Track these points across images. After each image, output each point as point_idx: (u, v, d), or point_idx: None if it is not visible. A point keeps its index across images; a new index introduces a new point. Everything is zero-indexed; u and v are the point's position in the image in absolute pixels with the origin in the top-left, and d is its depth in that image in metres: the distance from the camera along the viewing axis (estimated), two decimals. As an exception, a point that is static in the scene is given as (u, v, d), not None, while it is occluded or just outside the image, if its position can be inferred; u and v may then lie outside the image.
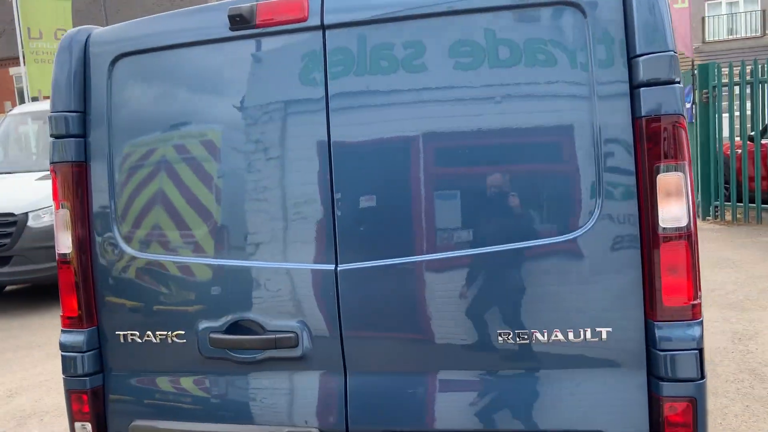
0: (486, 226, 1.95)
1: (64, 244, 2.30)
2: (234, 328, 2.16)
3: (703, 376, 1.86)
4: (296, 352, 2.09)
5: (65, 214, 2.29)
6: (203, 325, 2.19)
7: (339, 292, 2.05)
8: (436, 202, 1.99)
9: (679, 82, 1.85)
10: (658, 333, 1.86)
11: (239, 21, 2.09)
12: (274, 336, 2.09)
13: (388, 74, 2.00)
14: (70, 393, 2.33)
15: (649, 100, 1.83)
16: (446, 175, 2.00)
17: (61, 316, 2.36)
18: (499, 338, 1.95)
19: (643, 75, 1.83)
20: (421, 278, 2.00)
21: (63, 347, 2.33)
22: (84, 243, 2.29)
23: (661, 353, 1.85)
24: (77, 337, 2.31)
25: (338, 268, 2.05)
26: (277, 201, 2.11)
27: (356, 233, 2.04)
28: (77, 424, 2.33)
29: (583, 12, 1.89)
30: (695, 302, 1.86)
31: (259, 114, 2.12)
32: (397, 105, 2.00)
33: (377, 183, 2.03)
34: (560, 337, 1.92)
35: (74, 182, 2.28)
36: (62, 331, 2.36)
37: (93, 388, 2.31)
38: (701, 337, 1.86)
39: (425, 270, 1.99)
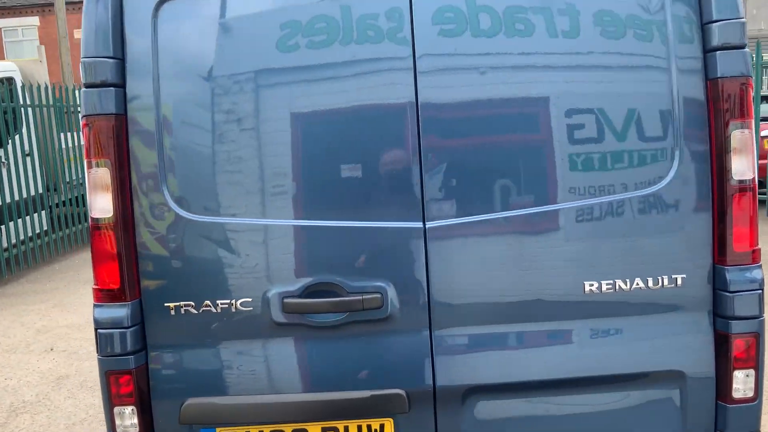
0: (573, 181, 2.02)
1: (102, 207, 2.04)
2: (310, 291, 2.05)
3: (762, 313, 2.08)
4: (381, 314, 2.03)
5: (103, 173, 2.03)
6: (275, 290, 2.05)
7: (428, 250, 2.02)
8: (522, 160, 2.03)
9: (746, 47, 2.03)
10: (728, 276, 2.03)
11: None
12: (360, 297, 2.01)
13: (487, 36, 1.99)
14: (109, 375, 2.08)
15: (722, 63, 1.99)
16: (534, 136, 2.04)
17: (94, 289, 2.10)
18: (586, 288, 2.04)
19: (717, 40, 1.99)
20: (508, 233, 2.03)
21: (99, 324, 2.07)
22: (125, 206, 2.05)
23: (731, 294, 2.03)
24: (118, 312, 2.06)
25: (426, 225, 2.02)
26: (359, 158, 2.02)
27: (443, 190, 2.02)
28: (117, 409, 2.09)
29: None
30: (756, 248, 2.07)
31: (338, 68, 2.02)
32: (493, 68, 2.00)
33: (465, 140, 2.02)
34: (641, 284, 2.05)
35: (115, 137, 2.02)
36: (96, 305, 2.09)
37: (137, 368, 2.08)
38: (762, 278, 2.07)
39: (512, 225, 2.02)
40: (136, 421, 2.08)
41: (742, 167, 2.02)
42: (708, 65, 2.02)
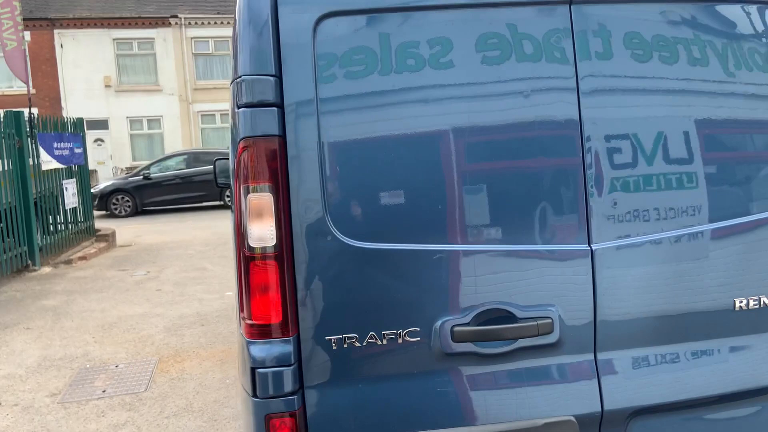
0: (732, 199, 2.12)
1: (262, 235, 1.89)
2: (480, 319, 1.99)
3: None
4: (551, 339, 2.02)
5: (264, 198, 1.89)
6: (444, 318, 1.98)
7: (594, 272, 2.04)
8: (683, 181, 2.10)
9: None
10: None
11: None
12: (536, 323, 1.98)
13: (641, 61, 2.06)
14: (269, 419, 1.90)
15: None
16: (696, 156, 2.12)
17: (249, 325, 1.93)
18: (736, 305, 2.13)
19: None
20: (669, 252, 2.09)
21: (258, 362, 1.90)
22: (286, 233, 1.91)
23: None
24: (282, 348, 1.91)
25: (593, 247, 2.04)
26: (524, 180, 2.02)
27: (608, 211, 2.05)
28: None
29: None
30: None
31: (500, 90, 2.01)
32: (648, 91, 2.07)
33: (627, 162, 2.07)
34: None
35: (279, 159, 1.89)
36: (251, 343, 1.92)
37: (301, 408, 1.92)
38: None
39: (673, 244, 2.08)
40: None
41: None
42: None
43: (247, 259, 1.92)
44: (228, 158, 5.68)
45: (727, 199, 2.13)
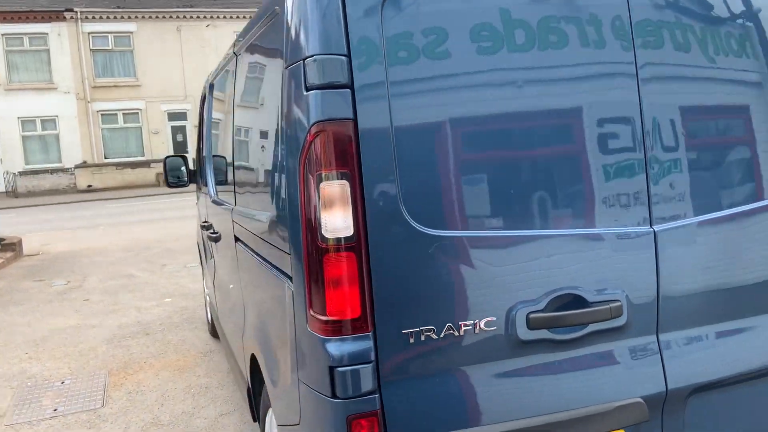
0: None
1: (339, 226, 1.77)
2: (553, 305, 1.96)
3: None
4: (620, 321, 2.01)
5: (340, 186, 1.77)
6: (518, 305, 1.93)
7: (657, 253, 2.05)
8: (732, 162, 2.15)
9: None
10: None
11: None
12: (608, 306, 1.97)
13: (687, 51, 2.09)
14: (351, 420, 1.78)
15: None
16: (742, 138, 2.17)
17: (324, 321, 1.80)
18: None
19: None
20: (722, 231, 2.13)
21: (338, 361, 1.78)
22: (361, 223, 1.80)
23: None
24: (361, 345, 1.79)
25: (655, 229, 2.05)
26: (590, 165, 2.00)
27: (668, 194, 2.07)
28: None
29: None
30: None
31: (563, 75, 1.98)
32: (705, 79, 2.11)
33: (683, 146, 2.09)
34: None
35: (353, 145, 1.78)
36: (327, 340, 1.79)
37: (380, 407, 1.81)
38: None
39: (729, 224, 2.13)
40: None
41: None
42: None
43: (320, 251, 1.78)
44: (179, 156, 5.40)
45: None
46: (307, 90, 1.77)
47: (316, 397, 1.86)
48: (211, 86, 4.26)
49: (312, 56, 1.76)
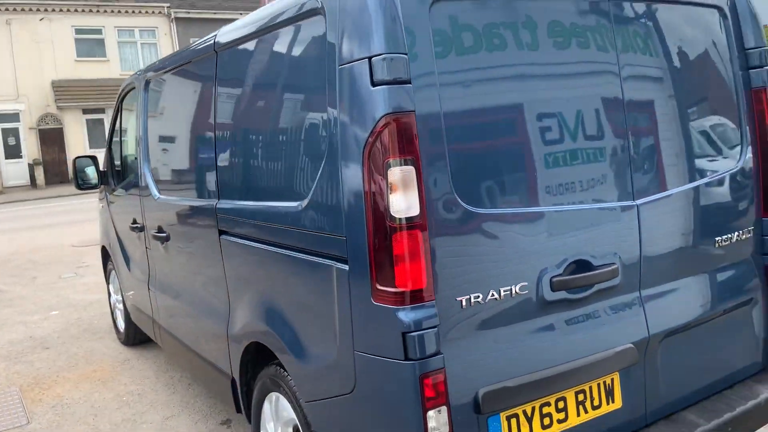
0: (703, 158, 2.69)
1: (408, 206, 1.97)
2: (569, 270, 2.29)
3: None
4: (615, 282, 2.39)
5: (408, 171, 1.97)
6: (544, 271, 2.24)
7: (640, 223, 2.46)
8: (684, 144, 2.62)
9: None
10: None
11: None
12: (608, 269, 2.34)
13: (651, 55, 2.53)
14: (423, 378, 1.99)
15: (756, 78, 2.88)
16: (686, 132, 2.64)
17: (394, 293, 1.99)
18: (717, 242, 2.71)
19: (754, 61, 2.87)
20: (684, 202, 2.59)
21: (407, 327, 1.98)
22: (422, 203, 2.02)
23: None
24: (428, 312, 2.00)
25: (637, 203, 2.46)
26: (596, 150, 2.36)
27: (646, 174, 2.49)
28: (431, 413, 2.01)
29: (724, 16, 2.82)
30: None
31: (571, 71, 2.34)
32: (659, 79, 2.55)
33: (650, 135, 2.52)
34: (734, 238, 2.79)
35: (417, 134, 1.99)
36: (399, 309, 1.99)
37: (445, 366, 2.04)
38: None
39: (684, 198, 2.59)
40: (446, 419, 2.03)
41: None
42: (748, 79, 2.87)
43: (390, 229, 1.98)
44: (88, 157, 5.18)
45: (703, 157, 2.70)
46: (375, 85, 1.96)
47: (384, 363, 2.04)
48: (147, 83, 4.18)
49: (379, 55, 1.94)
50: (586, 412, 2.35)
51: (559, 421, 2.30)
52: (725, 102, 2.79)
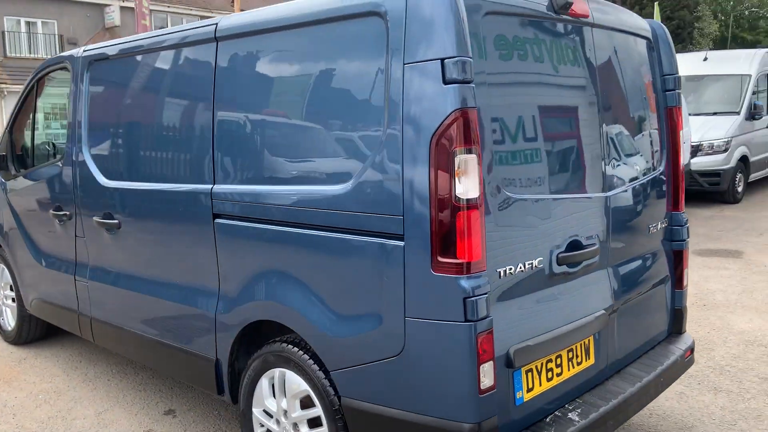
0: (645, 160, 3.32)
1: (470, 188, 2.31)
2: (568, 248, 2.76)
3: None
4: (595, 259, 2.90)
5: (472, 158, 2.31)
6: (554, 248, 2.69)
7: (609, 211, 3.00)
8: (633, 152, 3.22)
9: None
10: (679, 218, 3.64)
11: (563, 7, 2.74)
12: (594, 248, 2.84)
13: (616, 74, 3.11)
14: (479, 336, 2.33)
15: (670, 98, 3.59)
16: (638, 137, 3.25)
17: (458, 264, 2.31)
18: (650, 229, 3.35)
19: (669, 85, 3.57)
20: (631, 196, 3.18)
21: (467, 293, 2.30)
22: (481, 187, 2.36)
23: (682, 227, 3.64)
24: (482, 280, 2.34)
25: (607, 194, 3.00)
26: (588, 149, 2.89)
27: (611, 171, 3.04)
28: (483, 367, 2.35)
29: (650, 46, 3.48)
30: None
31: (569, 85, 2.83)
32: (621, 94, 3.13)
33: (619, 139, 3.09)
34: (659, 226, 3.46)
35: (477, 126, 2.33)
36: (460, 278, 2.31)
37: (492, 327, 2.40)
38: None
39: (633, 191, 3.19)
40: (492, 372, 2.39)
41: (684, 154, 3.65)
42: (666, 99, 3.57)
43: (455, 208, 2.29)
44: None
45: (642, 161, 3.34)
46: (446, 83, 2.26)
47: (442, 326, 2.34)
48: (90, 64, 4.03)
49: (452, 57, 2.25)
50: (573, 367, 2.83)
51: (557, 375, 2.75)
52: (653, 117, 3.45)
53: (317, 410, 2.85)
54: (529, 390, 2.61)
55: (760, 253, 7.93)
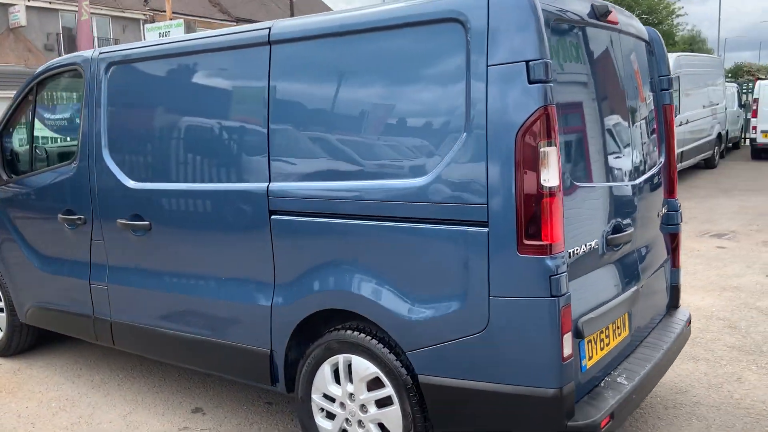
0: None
1: (554, 177, 2.58)
2: (613, 231, 3.10)
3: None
4: (630, 240, 3.25)
5: (554, 150, 2.58)
6: (605, 231, 3.02)
7: (637, 198, 3.37)
8: (648, 145, 3.61)
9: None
10: None
11: (603, 15, 3.08)
12: (631, 231, 3.19)
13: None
14: (563, 309, 2.61)
15: (666, 97, 4.01)
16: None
17: (545, 246, 2.58)
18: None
19: (664, 85, 4.00)
20: (648, 184, 3.55)
21: (553, 271, 2.58)
22: (560, 176, 2.63)
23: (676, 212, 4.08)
24: (563, 260, 2.62)
25: (635, 183, 3.37)
26: (620, 143, 3.23)
27: (636, 160, 3.41)
28: (566, 336, 2.63)
29: (651, 50, 3.90)
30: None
31: (607, 84, 3.17)
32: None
33: (639, 133, 3.47)
34: (662, 211, 3.87)
35: (557, 122, 2.61)
36: (543, 258, 2.58)
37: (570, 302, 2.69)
38: None
39: (649, 180, 3.57)
40: (571, 342, 2.67)
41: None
42: (664, 97, 3.99)
43: (539, 196, 2.56)
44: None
45: (653, 153, 3.73)
46: (531, 83, 2.53)
47: (528, 302, 2.60)
48: (109, 67, 4.02)
49: (536, 60, 2.51)
50: (616, 338, 3.17)
51: (606, 345, 3.08)
52: (653, 113, 3.86)
53: (387, 390, 3.04)
54: (590, 358, 2.92)
55: (689, 240, 8.64)
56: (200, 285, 3.69)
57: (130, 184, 3.92)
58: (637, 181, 3.40)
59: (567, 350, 2.65)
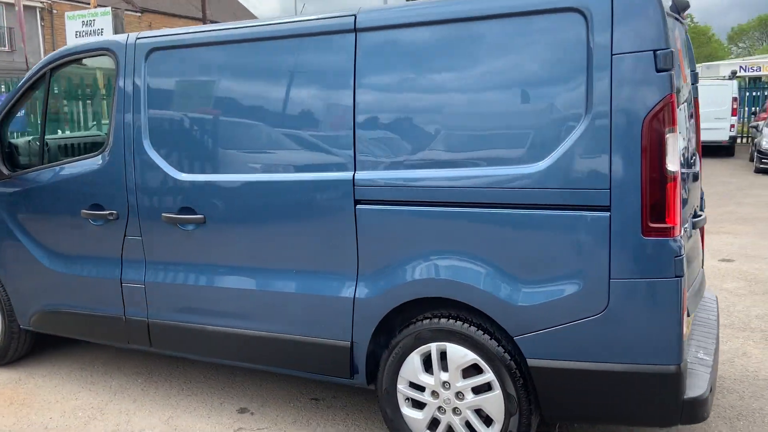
0: None
1: (676, 162, 2.71)
2: (693, 215, 3.28)
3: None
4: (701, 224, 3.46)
5: (677, 137, 2.70)
6: (690, 214, 3.19)
7: (693, 183, 3.57)
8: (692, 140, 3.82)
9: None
10: None
11: (684, 8, 3.24)
12: (703, 216, 3.39)
13: None
14: (684, 289, 2.74)
15: (692, 91, 4.26)
16: None
17: (663, 228, 2.70)
18: None
19: (691, 80, 4.25)
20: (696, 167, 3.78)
21: (677, 252, 2.70)
22: (678, 161, 2.76)
23: None
24: (682, 242, 2.76)
25: (695, 171, 3.57)
26: (688, 131, 3.40)
27: (692, 149, 3.61)
28: (685, 315, 2.77)
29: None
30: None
31: (679, 74, 3.32)
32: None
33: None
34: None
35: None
36: (666, 240, 2.70)
37: None
38: None
39: (696, 165, 3.79)
40: (686, 318, 2.82)
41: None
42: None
43: (665, 179, 2.67)
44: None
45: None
46: (658, 72, 2.63)
47: (652, 283, 2.70)
48: (150, 53, 3.79)
49: (663, 49, 2.61)
50: (689, 315, 3.35)
51: (688, 323, 3.25)
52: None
53: (486, 377, 3.07)
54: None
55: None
56: (267, 279, 3.56)
57: (179, 176, 3.71)
58: (695, 168, 3.61)
59: (685, 328, 2.79)
